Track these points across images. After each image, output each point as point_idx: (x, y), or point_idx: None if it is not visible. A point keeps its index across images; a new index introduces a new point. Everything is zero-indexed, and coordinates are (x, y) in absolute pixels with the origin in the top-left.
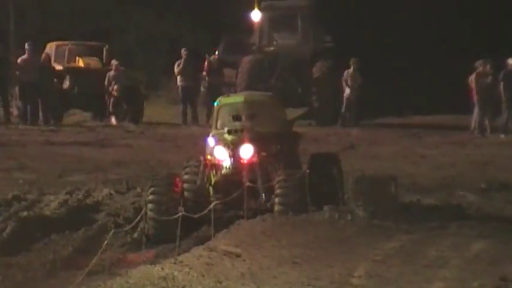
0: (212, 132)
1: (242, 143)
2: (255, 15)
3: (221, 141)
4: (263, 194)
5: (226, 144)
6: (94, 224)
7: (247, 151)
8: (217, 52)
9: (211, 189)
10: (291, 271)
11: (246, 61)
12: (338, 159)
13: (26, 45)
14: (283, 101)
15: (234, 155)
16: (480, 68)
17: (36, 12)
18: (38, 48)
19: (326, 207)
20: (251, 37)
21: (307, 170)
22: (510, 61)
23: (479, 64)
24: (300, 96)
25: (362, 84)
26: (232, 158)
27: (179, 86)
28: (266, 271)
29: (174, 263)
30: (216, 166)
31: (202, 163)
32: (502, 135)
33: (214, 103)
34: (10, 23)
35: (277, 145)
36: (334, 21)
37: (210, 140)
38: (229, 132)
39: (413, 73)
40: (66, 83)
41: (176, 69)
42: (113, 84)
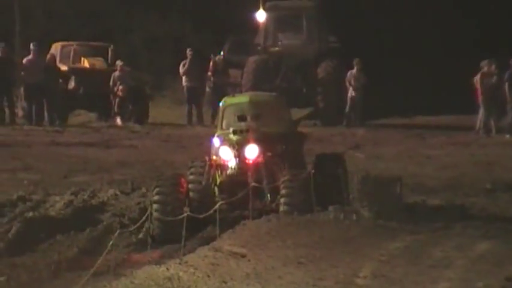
0: (217, 132)
1: (247, 143)
2: (260, 15)
3: (226, 141)
4: (268, 195)
5: (231, 144)
6: (99, 225)
7: (252, 151)
8: (222, 52)
9: (216, 189)
10: (296, 271)
11: (251, 61)
12: (343, 159)
13: (31, 45)
14: (288, 101)
15: (239, 155)
16: (485, 68)
17: (41, 13)
18: (43, 48)
19: (331, 207)
20: (256, 37)
21: (312, 170)
22: None
23: (484, 64)
24: (305, 96)
25: (366, 84)
26: (237, 158)
27: (184, 87)
28: (271, 271)
29: (179, 264)
30: (221, 166)
31: (207, 163)
32: (507, 135)
33: (219, 103)
34: (15, 24)
35: (282, 145)
36: (338, 21)
37: (215, 140)
38: (234, 132)
39: (418, 73)
40: (71, 84)
41: (181, 69)
42: (118, 84)
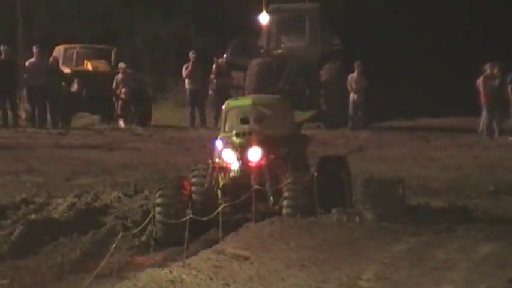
0: (220, 135)
1: (250, 146)
2: (263, 18)
3: (229, 144)
4: (271, 197)
5: (234, 147)
6: (102, 227)
7: (255, 154)
8: (225, 55)
9: (219, 192)
10: (299, 274)
11: (254, 64)
12: (346, 162)
13: (34, 48)
14: (291, 104)
15: (242, 158)
16: (488, 71)
17: (44, 14)
18: (47, 51)
19: (334, 210)
20: (259, 40)
21: (315, 173)
22: None
23: (487, 66)
24: (308, 98)
25: (367, 87)
26: (240, 161)
27: (187, 89)
28: (274, 274)
29: (182, 266)
30: (224, 169)
31: (210, 166)
32: (510, 137)
33: (222, 106)
34: (18, 26)
35: (285, 148)
36: (342, 23)
37: (218, 143)
38: (237, 135)
39: (421, 75)
40: (74, 86)
41: (184, 72)
42: (121, 87)
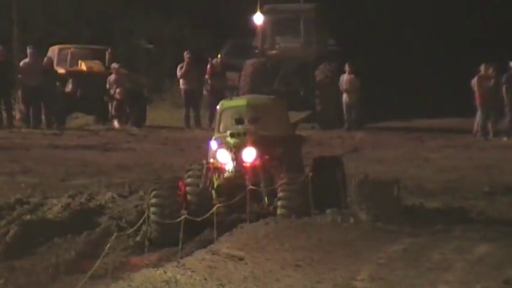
0: (215, 135)
1: (245, 146)
2: (258, 18)
3: (224, 144)
4: (266, 197)
5: (229, 147)
6: (97, 228)
7: (249, 154)
8: (220, 55)
9: (214, 192)
10: (294, 274)
11: (249, 64)
12: (341, 162)
13: (28, 48)
14: (286, 104)
15: (237, 158)
16: (483, 71)
17: (40, 15)
18: (42, 51)
19: (329, 210)
20: (254, 40)
21: (310, 174)
22: None
23: (482, 67)
24: (303, 99)
25: (360, 87)
26: (235, 161)
27: (182, 89)
28: (269, 274)
29: (177, 267)
30: (219, 169)
31: (205, 166)
32: (505, 138)
33: (217, 106)
34: (13, 26)
35: (280, 148)
36: (337, 24)
37: (213, 144)
38: (232, 135)
39: (417, 76)
40: (68, 87)
41: (179, 72)
42: (114, 87)
